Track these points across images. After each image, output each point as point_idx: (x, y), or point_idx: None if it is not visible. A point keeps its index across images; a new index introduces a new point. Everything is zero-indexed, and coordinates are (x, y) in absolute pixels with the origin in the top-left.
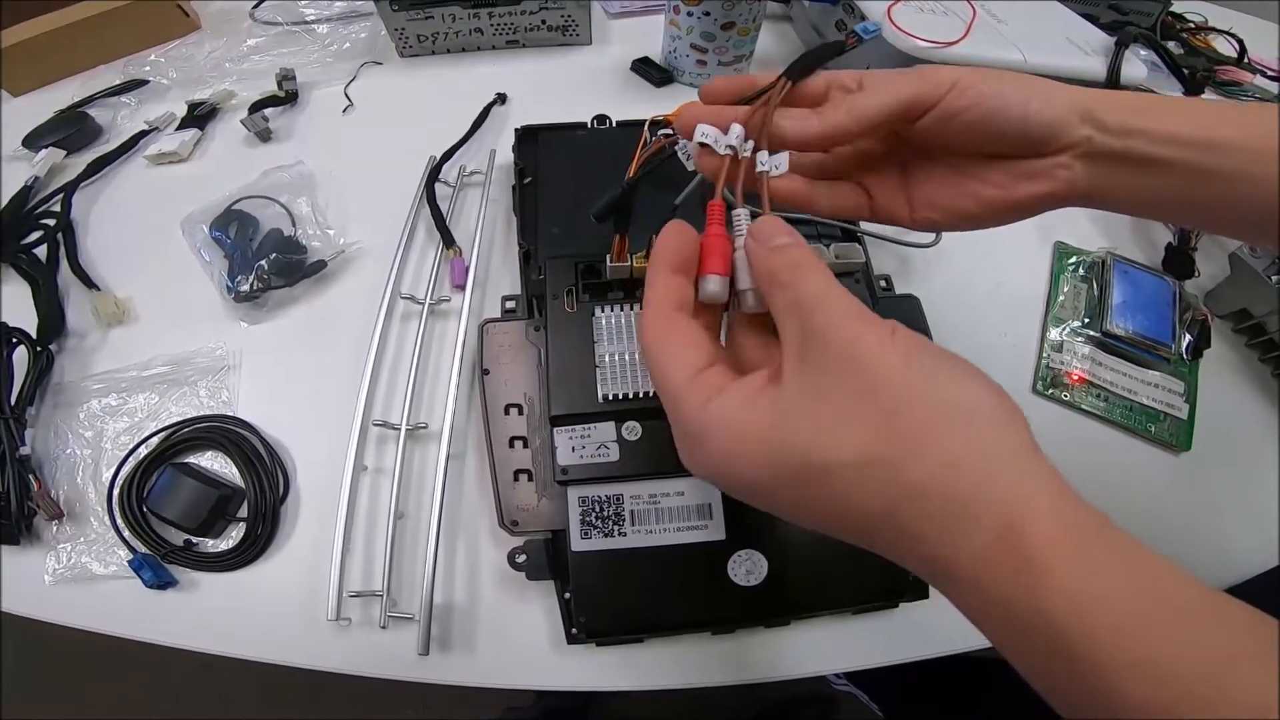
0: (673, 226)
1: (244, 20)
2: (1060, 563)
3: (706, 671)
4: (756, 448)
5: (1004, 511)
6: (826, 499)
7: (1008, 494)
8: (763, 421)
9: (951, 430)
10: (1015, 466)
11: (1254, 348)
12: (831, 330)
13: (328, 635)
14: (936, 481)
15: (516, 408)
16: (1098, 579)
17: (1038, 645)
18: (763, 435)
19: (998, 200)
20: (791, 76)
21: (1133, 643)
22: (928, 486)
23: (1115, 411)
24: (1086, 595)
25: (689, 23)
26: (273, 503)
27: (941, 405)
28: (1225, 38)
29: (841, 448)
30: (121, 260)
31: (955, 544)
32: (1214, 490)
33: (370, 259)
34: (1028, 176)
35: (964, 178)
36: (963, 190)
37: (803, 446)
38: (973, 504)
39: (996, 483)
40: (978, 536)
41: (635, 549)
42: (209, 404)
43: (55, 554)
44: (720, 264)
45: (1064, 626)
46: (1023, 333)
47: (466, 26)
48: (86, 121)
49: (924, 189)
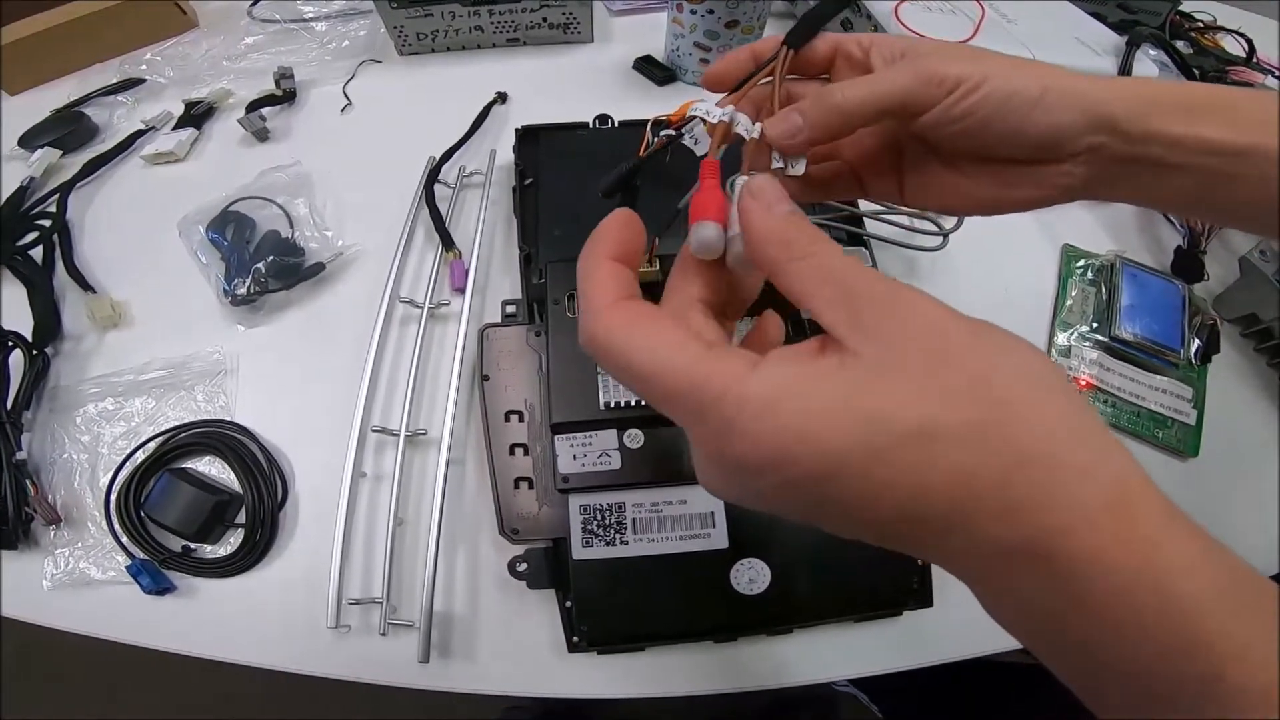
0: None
1: (241, 18)
2: (1168, 538)
3: (708, 679)
4: (841, 417)
5: (1116, 481)
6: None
7: (1116, 464)
8: (839, 390)
9: (1046, 400)
10: (1107, 437)
11: (1262, 352)
12: (884, 299)
13: (327, 642)
14: (1048, 445)
15: (517, 414)
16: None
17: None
18: (847, 404)
19: (989, 200)
20: (793, 44)
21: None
22: (1038, 451)
23: (1123, 417)
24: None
25: (692, 20)
26: (271, 509)
27: (1027, 376)
28: (1234, 37)
29: (946, 413)
30: (118, 262)
31: (1069, 513)
32: (1222, 497)
33: (369, 261)
34: (1025, 182)
35: (957, 176)
36: (954, 188)
37: (899, 411)
38: (1088, 471)
39: (1099, 451)
40: (1094, 504)
41: (637, 558)
42: (206, 409)
43: (53, 559)
44: (716, 213)
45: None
46: (1030, 336)
47: (466, 24)
48: (83, 121)
49: (916, 180)
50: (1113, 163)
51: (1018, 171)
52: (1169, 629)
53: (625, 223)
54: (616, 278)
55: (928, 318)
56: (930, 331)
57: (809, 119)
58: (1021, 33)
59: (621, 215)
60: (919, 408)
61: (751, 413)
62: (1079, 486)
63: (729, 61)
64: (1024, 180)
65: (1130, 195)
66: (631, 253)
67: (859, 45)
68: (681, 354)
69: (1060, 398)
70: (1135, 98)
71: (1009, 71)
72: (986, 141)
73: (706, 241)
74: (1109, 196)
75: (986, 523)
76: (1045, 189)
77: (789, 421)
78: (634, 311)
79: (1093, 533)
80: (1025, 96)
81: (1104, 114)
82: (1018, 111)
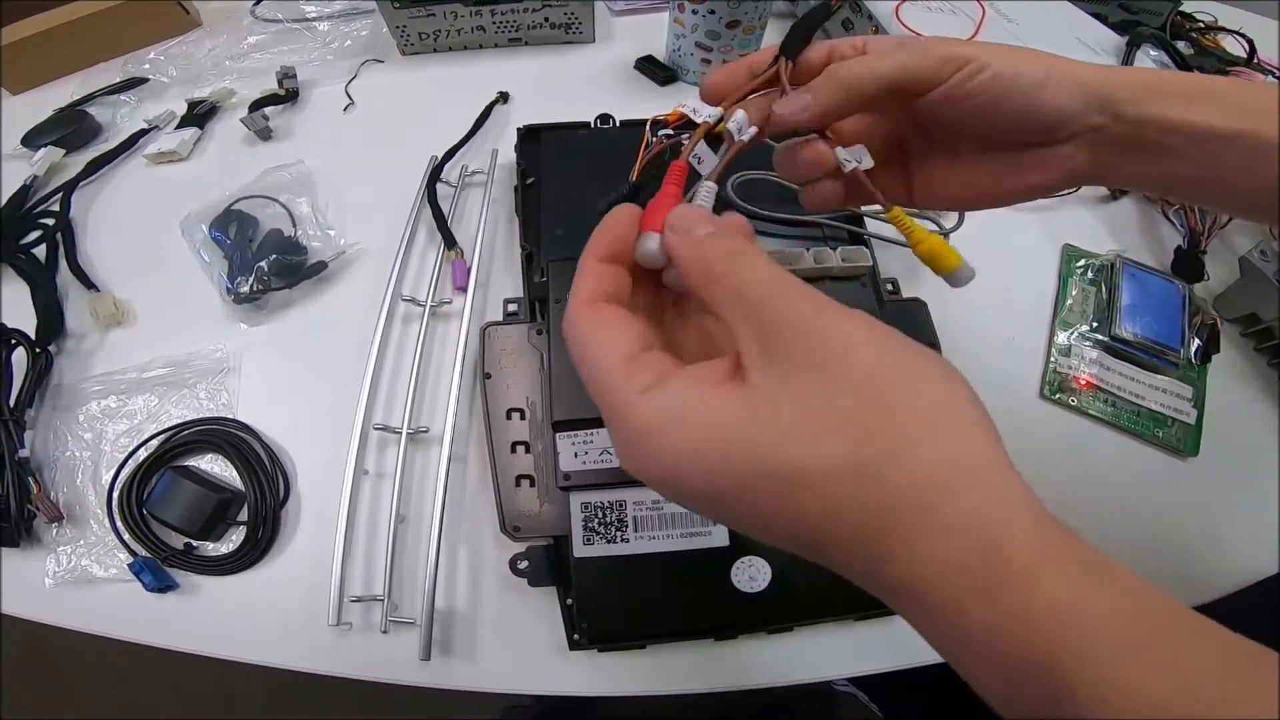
0: (614, 213)
1: (244, 18)
2: (1045, 582)
3: (708, 677)
4: (723, 450)
5: (987, 527)
6: (798, 512)
7: (991, 509)
8: (728, 420)
9: (932, 441)
10: (995, 480)
11: (1263, 352)
12: (793, 318)
13: (329, 639)
14: (917, 493)
15: (518, 412)
16: (1083, 601)
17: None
18: (727, 438)
19: (993, 190)
20: (789, 55)
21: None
22: (907, 501)
23: (1123, 417)
24: (1071, 618)
25: (693, 21)
26: (273, 506)
27: (921, 414)
28: (1235, 37)
29: (820, 455)
30: (120, 261)
31: (931, 565)
32: (1222, 496)
33: (371, 260)
34: (1028, 167)
35: (962, 167)
36: (961, 180)
37: (777, 454)
38: (954, 519)
39: (979, 497)
40: (955, 557)
41: (638, 555)
42: (209, 406)
43: (55, 557)
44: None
45: (1046, 651)
46: (1030, 336)
47: (468, 24)
48: (85, 120)
49: (923, 177)
50: (1112, 145)
51: (1021, 157)
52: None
53: (620, 222)
54: (599, 277)
55: (833, 347)
56: (830, 363)
57: (817, 96)
58: (1022, 32)
59: (617, 216)
60: (794, 449)
61: (638, 432)
62: (941, 541)
63: (726, 73)
64: (1028, 166)
65: (1129, 178)
66: (622, 249)
67: (853, 47)
68: (607, 358)
69: (957, 437)
70: (1133, 83)
71: (1013, 56)
72: (993, 123)
73: (647, 254)
74: (1110, 180)
75: (858, 564)
76: (1050, 173)
77: (674, 446)
78: (595, 312)
79: (951, 587)
80: (1031, 77)
81: (1104, 96)
82: (1025, 92)
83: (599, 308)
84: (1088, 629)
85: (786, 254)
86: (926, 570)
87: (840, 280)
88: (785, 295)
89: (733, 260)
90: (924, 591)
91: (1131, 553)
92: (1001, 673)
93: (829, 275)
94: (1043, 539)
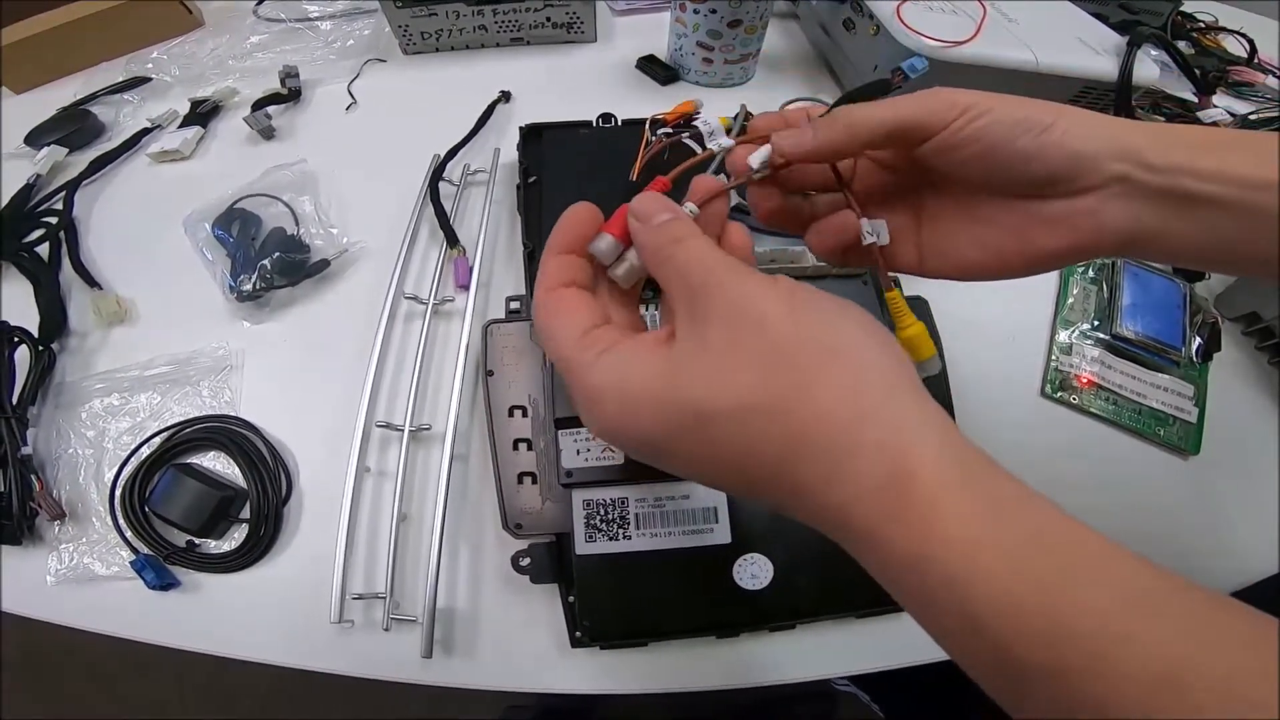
0: (571, 210)
1: (247, 17)
2: (949, 507)
3: (710, 675)
4: (649, 402)
5: (890, 454)
6: (720, 450)
7: (894, 436)
8: (654, 376)
9: (833, 374)
10: (899, 408)
11: (1264, 351)
12: (715, 286)
13: (331, 637)
14: (821, 425)
15: (521, 410)
16: (988, 525)
17: (934, 598)
18: (654, 389)
19: (1011, 251)
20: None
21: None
22: (813, 432)
23: (1124, 415)
24: (975, 542)
25: (695, 20)
26: (275, 504)
27: (824, 350)
28: (1235, 37)
29: (727, 396)
30: (123, 259)
31: (844, 490)
32: (1223, 494)
33: (373, 258)
34: (1047, 223)
35: (974, 222)
36: (973, 237)
37: (692, 397)
38: (858, 447)
39: (881, 425)
40: (866, 481)
41: (640, 552)
42: (211, 404)
43: (57, 554)
44: (619, 228)
45: (954, 576)
46: (1031, 335)
47: (470, 24)
48: (88, 119)
49: (933, 234)
50: (1146, 198)
51: (1042, 210)
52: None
53: (578, 219)
54: (558, 268)
55: (749, 308)
56: (741, 316)
57: (819, 133)
58: (1023, 32)
59: (574, 212)
60: (708, 391)
61: (590, 397)
62: (851, 463)
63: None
64: (1052, 222)
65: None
66: (581, 240)
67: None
68: (565, 334)
69: (859, 372)
70: (1157, 132)
71: (1017, 103)
72: (997, 168)
73: (597, 251)
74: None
75: (785, 497)
76: (1077, 231)
77: (617, 400)
78: (553, 298)
79: (866, 510)
80: (1036, 122)
81: (1127, 144)
82: (1029, 136)
83: (557, 293)
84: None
85: (789, 252)
86: (842, 495)
87: (842, 278)
88: (713, 271)
89: (677, 245)
90: (846, 518)
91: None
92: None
93: (831, 273)
94: (946, 462)
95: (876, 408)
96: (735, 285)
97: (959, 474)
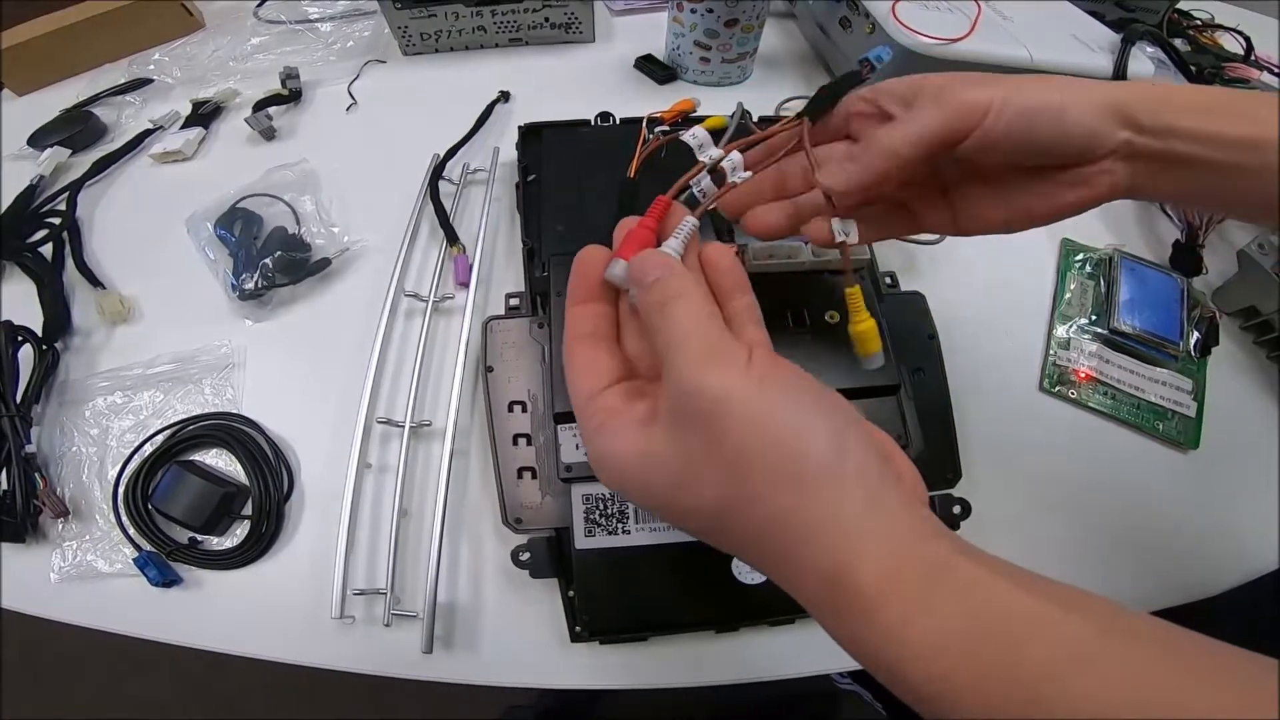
0: (580, 257)
1: (247, 19)
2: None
3: (710, 670)
4: (635, 483)
5: (830, 562)
6: (695, 528)
7: (833, 553)
8: (636, 463)
9: (787, 485)
10: (846, 518)
11: (1262, 345)
12: (683, 378)
13: (332, 633)
14: (776, 529)
15: (520, 405)
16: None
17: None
18: (636, 474)
19: (1044, 210)
20: (811, 116)
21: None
22: (768, 532)
23: (1122, 409)
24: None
25: (692, 20)
26: (277, 500)
27: (781, 456)
28: (1231, 34)
29: (692, 500)
30: (126, 259)
31: (799, 581)
32: (1222, 489)
33: (374, 257)
34: (1073, 184)
35: (1009, 192)
36: (1008, 204)
37: (665, 493)
38: (802, 556)
39: (821, 544)
40: (810, 582)
41: (639, 547)
42: (214, 402)
43: (60, 552)
44: (631, 252)
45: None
46: (1029, 330)
47: (469, 25)
48: (91, 120)
49: (967, 205)
50: (1145, 159)
51: (1064, 175)
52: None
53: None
54: (578, 319)
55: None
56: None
57: (863, 164)
58: (1017, 30)
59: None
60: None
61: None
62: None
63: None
64: (1072, 184)
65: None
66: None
67: (864, 100)
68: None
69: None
70: (1148, 97)
71: (1023, 89)
72: (1028, 155)
73: (613, 278)
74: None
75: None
76: (1094, 189)
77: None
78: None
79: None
80: (1049, 107)
81: (1121, 111)
82: (1049, 122)
83: (573, 348)
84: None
85: (785, 247)
86: (799, 583)
87: (839, 273)
88: (683, 349)
89: (660, 312)
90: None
91: (1132, 546)
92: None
93: (827, 269)
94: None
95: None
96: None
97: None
